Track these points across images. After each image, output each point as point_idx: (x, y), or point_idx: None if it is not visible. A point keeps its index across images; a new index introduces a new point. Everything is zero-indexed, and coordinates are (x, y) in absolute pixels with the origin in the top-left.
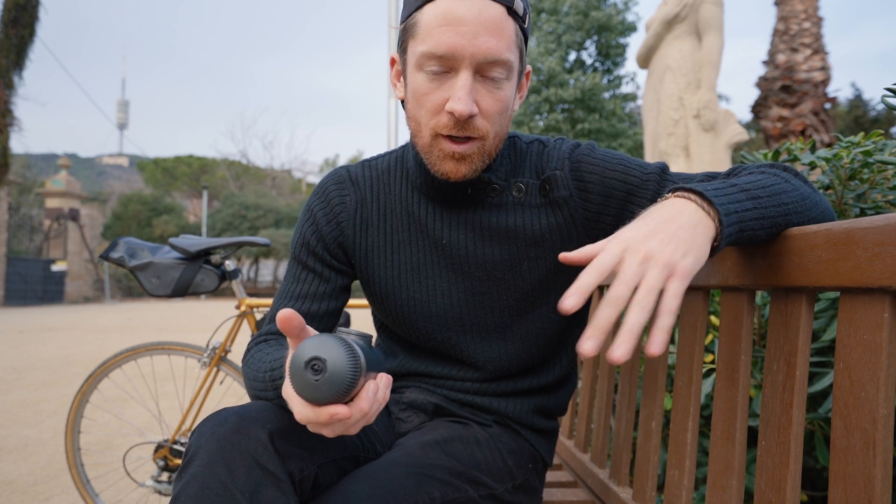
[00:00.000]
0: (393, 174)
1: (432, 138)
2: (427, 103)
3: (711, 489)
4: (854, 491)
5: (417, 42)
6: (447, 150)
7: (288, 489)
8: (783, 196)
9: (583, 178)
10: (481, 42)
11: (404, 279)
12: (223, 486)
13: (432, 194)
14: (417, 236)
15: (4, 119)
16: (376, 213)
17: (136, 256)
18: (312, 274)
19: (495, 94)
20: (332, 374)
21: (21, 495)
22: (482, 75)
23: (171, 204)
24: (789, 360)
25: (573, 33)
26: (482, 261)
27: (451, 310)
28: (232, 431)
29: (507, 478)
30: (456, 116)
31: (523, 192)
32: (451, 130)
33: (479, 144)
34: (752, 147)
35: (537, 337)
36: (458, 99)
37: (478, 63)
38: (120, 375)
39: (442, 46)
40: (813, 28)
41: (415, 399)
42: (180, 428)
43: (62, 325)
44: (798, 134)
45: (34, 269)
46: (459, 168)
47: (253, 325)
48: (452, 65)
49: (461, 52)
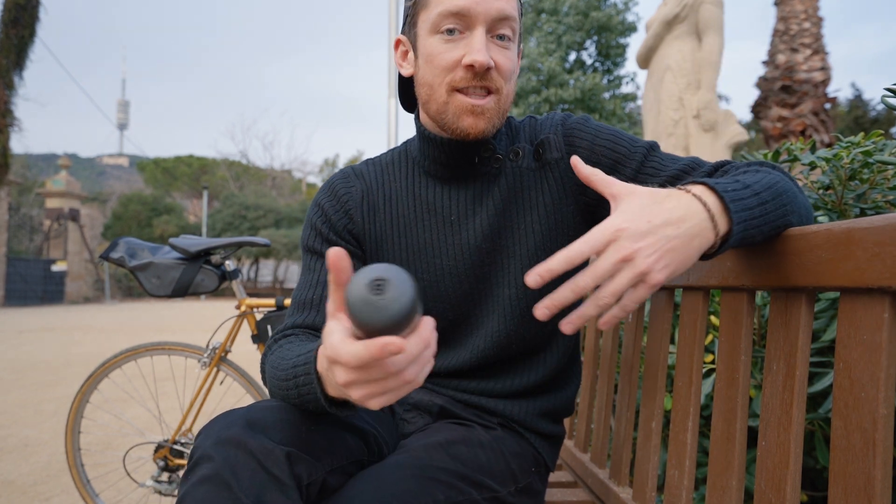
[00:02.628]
0: (397, 164)
1: (448, 95)
2: (442, 62)
3: (711, 489)
4: (854, 491)
5: (431, 8)
6: (465, 105)
7: (293, 494)
8: (783, 197)
9: (574, 143)
10: (493, 1)
11: (413, 262)
12: (228, 490)
13: (439, 172)
14: (424, 216)
15: (4, 119)
16: (382, 200)
17: (137, 256)
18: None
19: (505, 53)
20: (396, 293)
21: (21, 495)
22: (493, 34)
23: (171, 204)
24: (789, 360)
25: (573, 33)
26: (488, 231)
27: (458, 287)
28: (238, 435)
29: (511, 481)
30: (476, 68)
31: (520, 155)
32: (469, 83)
33: (495, 99)
34: (752, 147)
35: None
36: (478, 51)
37: (491, 20)
38: (120, 375)
39: (458, 4)
40: (813, 28)
41: (420, 400)
42: (180, 428)
43: (62, 325)
44: (798, 134)
45: (34, 270)
46: (478, 123)
47: (253, 326)
48: (468, 22)
49: (475, 8)
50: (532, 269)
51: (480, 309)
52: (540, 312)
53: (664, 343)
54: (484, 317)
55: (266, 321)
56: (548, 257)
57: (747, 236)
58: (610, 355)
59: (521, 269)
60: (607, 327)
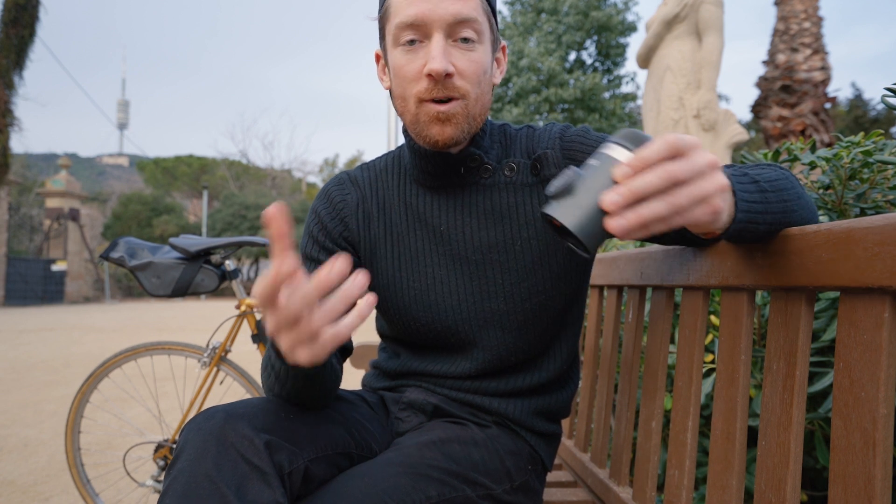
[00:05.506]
0: (390, 171)
1: (417, 106)
2: (407, 73)
3: (711, 489)
4: (854, 491)
5: (391, 20)
6: (431, 112)
7: (275, 482)
8: (785, 193)
9: (574, 158)
10: (447, 5)
11: (405, 270)
12: (210, 480)
13: (428, 182)
14: (416, 227)
15: (4, 119)
16: (376, 208)
17: (136, 256)
18: (321, 266)
19: (469, 55)
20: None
21: (21, 495)
22: (454, 39)
23: (171, 204)
24: (789, 360)
25: (573, 33)
26: (478, 244)
27: (449, 297)
28: (218, 427)
29: (506, 479)
30: (434, 76)
31: (515, 171)
32: (432, 93)
33: (461, 105)
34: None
35: (534, 324)
36: (433, 58)
37: (448, 25)
38: (120, 375)
39: (411, 14)
40: (813, 28)
41: (414, 399)
42: (180, 428)
43: (62, 325)
44: (798, 134)
45: (34, 269)
46: (445, 130)
47: (253, 325)
48: (424, 31)
49: (430, 15)
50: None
51: (476, 322)
52: (616, 224)
53: (664, 343)
54: (481, 330)
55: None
56: (545, 274)
57: (749, 227)
58: (610, 355)
59: (517, 284)
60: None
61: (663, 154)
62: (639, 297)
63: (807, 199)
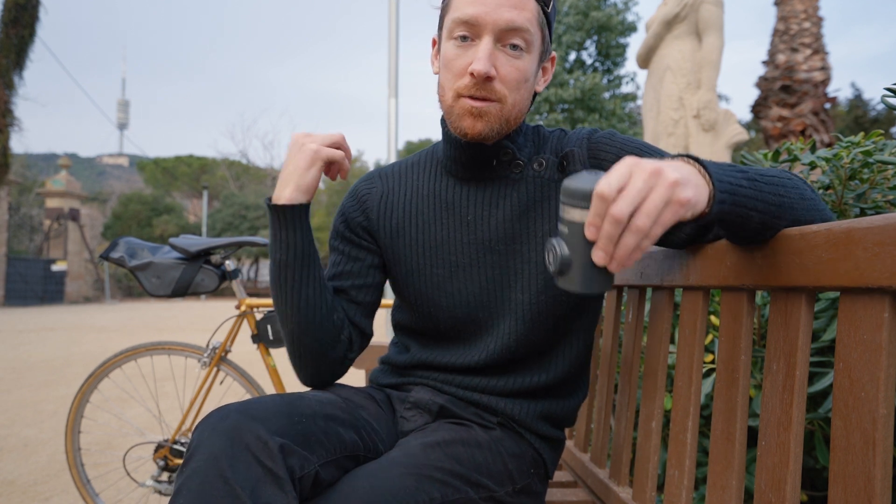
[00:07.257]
0: (422, 164)
1: (454, 99)
2: (453, 67)
3: (711, 489)
4: (854, 491)
5: (450, 13)
6: (466, 107)
7: (287, 487)
8: (781, 188)
9: (599, 157)
10: (503, 12)
11: (428, 256)
12: (224, 481)
13: (460, 173)
14: (443, 215)
15: (4, 119)
16: (402, 198)
17: (137, 256)
18: (343, 256)
19: (514, 63)
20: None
21: (21, 495)
22: (503, 44)
23: (171, 204)
24: (789, 360)
25: (573, 33)
26: (503, 234)
27: (470, 284)
28: (233, 427)
29: (508, 481)
30: (475, 76)
31: (543, 166)
32: (470, 91)
33: (496, 106)
34: (752, 147)
35: (546, 318)
36: (478, 60)
37: (499, 30)
38: (120, 375)
39: (468, 13)
40: (813, 28)
41: (420, 399)
42: (180, 428)
43: (62, 325)
44: (798, 134)
45: (34, 269)
46: (476, 124)
47: (253, 325)
48: (477, 31)
49: (485, 18)
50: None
51: (492, 310)
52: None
53: (664, 343)
54: (496, 318)
55: (266, 321)
56: None
57: (740, 203)
58: (610, 355)
59: (536, 275)
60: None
61: (608, 200)
62: (639, 297)
63: (815, 203)
